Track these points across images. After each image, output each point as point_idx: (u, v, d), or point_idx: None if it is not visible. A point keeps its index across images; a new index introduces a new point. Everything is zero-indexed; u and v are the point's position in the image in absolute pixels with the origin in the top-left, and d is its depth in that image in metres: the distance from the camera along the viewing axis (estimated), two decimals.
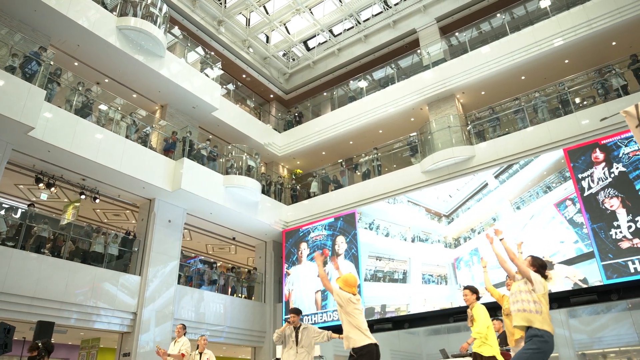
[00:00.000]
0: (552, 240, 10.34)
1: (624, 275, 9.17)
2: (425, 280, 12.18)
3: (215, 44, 16.21)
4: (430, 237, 12.56)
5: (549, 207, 10.64)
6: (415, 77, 14.58)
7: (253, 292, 15.13)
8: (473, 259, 11.49)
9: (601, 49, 12.19)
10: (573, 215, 10.19)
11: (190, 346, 8.02)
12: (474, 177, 12.16)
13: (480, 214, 11.78)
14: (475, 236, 11.70)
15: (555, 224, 10.44)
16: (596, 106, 11.23)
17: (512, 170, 11.50)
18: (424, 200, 12.94)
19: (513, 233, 10.72)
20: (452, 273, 11.80)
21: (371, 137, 15.86)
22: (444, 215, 12.46)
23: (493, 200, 11.64)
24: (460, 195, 12.30)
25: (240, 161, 14.12)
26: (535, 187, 10.98)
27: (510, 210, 11.26)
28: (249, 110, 17.19)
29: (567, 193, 10.44)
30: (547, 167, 10.93)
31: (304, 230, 14.78)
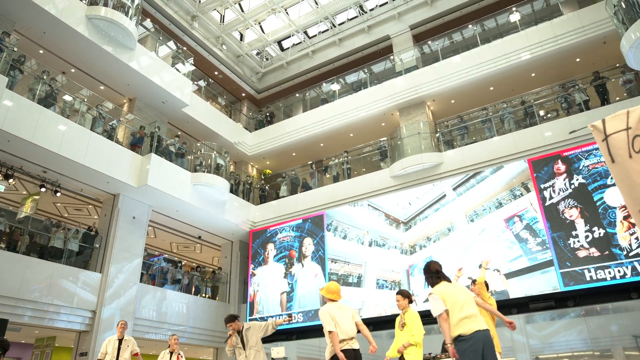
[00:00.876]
0: (500, 253, 10.71)
1: (580, 283, 9.52)
2: (379, 285, 12.35)
3: (187, 39, 15.97)
4: (387, 242, 12.73)
5: (499, 222, 11.03)
6: (388, 83, 14.75)
7: (217, 292, 14.94)
8: None
9: (566, 64, 12.66)
10: (519, 231, 10.63)
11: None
12: (434, 187, 12.42)
13: (436, 224, 12.07)
14: (430, 244, 12.00)
15: (503, 238, 10.84)
16: (559, 119, 11.65)
17: (469, 184, 11.83)
18: (384, 205, 13.11)
19: (465, 243, 11.27)
20: (405, 279, 12.02)
21: (342, 140, 15.94)
22: (403, 222, 12.66)
23: (449, 211, 11.94)
24: (419, 203, 12.54)
25: (210, 159, 13.93)
26: (489, 202, 11.35)
27: (465, 222, 11.58)
28: (219, 108, 16.99)
29: (517, 210, 10.86)
30: (500, 184, 11.33)
31: (272, 231, 14.71)
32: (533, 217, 10.59)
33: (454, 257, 11.29)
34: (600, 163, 10.18)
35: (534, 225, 10.53)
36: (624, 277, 9.15)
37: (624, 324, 9.45)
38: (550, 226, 10.25)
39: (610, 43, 11.43)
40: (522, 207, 10.81)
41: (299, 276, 13.52)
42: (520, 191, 10.97)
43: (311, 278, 13.24)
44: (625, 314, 9.51)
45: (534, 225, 10.54)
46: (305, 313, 12.87)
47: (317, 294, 12.93)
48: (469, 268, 10.75)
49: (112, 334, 10.66)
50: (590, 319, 9.77)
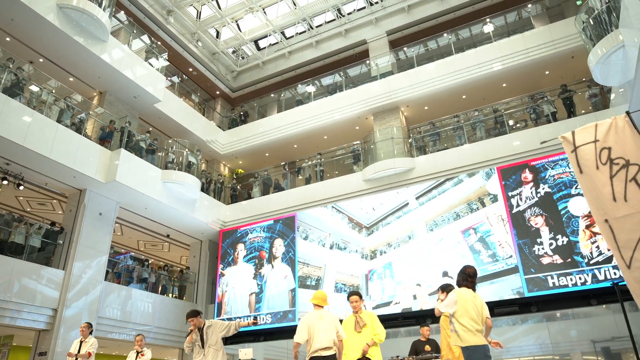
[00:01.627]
0: (455, 262, 10.97)
1: (543, 289, 9.80)
2: (337, 288, 12.44)
3: (162, 34, 15.69)
4: (348, 246, 12.86)
5: (456, 233, 11.33)
6: (363, 87, 14.86)
7: (185, 292, 14.70)
8: (386, 272, 11.95)
9: (536, 76, 13.04)
10: (473, 243, 10.98)
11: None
12: (397, 194, 12.60)
13: (397, 231, 12.29)
14: (390, 251, 12.18)
15: (459, 248, 11.14)
16: (528, 129, 11.99)
17: (431, 195, 12.09)
18: (348, 209, 13.23)
19: (424, 252, 11.57)
20: (364, 284, 12.15)
21: (316, 142, 15.96)
22: (365, 227, 12.80)
23: (411, 220, 12.16)
24: (382, 209, 12.72)
25: (181, 156, 13.71)
26: (448, 214, 11.65)
27: (425, 230, 11.85)
28: (193, 105, 16.74)
29: (473, 223, 11.18)
30: (459, 197, 11.64)
31: (242, 231, 14.58)
32: (487, 230, 10.95)
33: (413, 265, 11.59)
34: (565, 173, 10.52)
35: (487, 238, 10.89)
36: (584, 284, 9.47)
37: (583, 329, 9.78)
38: (517, 233, 10.52)
39: (578, 58, 11.83)
40: (478, 220, 11.16)
41: (268, 277, 13.44)
42: (477, 205, 11.34)
43: (281, 279, 13.19)
44: (585, 320, 9.84)
45: (487, 238, 10.90)
46: (274, 314, 12.80)
47: (286, 295, 12.88)
48: (425, 276, 11.25)
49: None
50: (551, 324, 10.07)
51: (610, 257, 9.39)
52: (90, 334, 7.67)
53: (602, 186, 4.32)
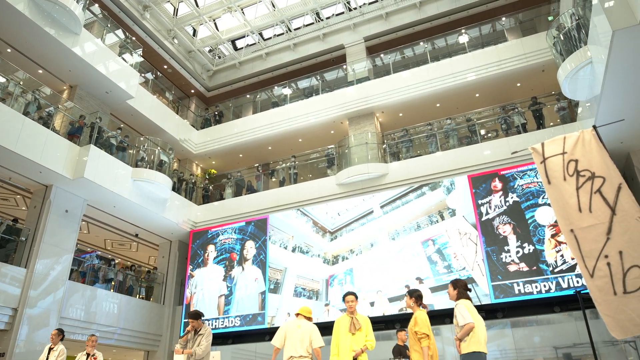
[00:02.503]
0: (414, 272, 11.22)
1: (509, 295, 10.03)
2: (297, 293, 12.48)
3: (137, 29, 15.41)
4: (311, 250, 12.91)
5: (416, 243, 11.55)
6: (339, 92, 14.93)
7: (152, 293, 14.41)
8: (346, 279, 12.06)
9: (507, 88, 13.37)
10: (431, 254, 11.24)
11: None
12: (363, 201, 12.73)
13: (361, 238, 12.42)
14: (352, 257, 12.30)
15: (418, 258, 11.35)
16: (499, 139, 12.25)
17: (395, 205, 12.27)
18: (313, 212, 13.28)
19: (385, 260, 11.75)
20: (324, 289, 12.23)
21: (290, 145, 15.94)
22: (329, 232, 12.88)
23: (374, 228, 12.32)
24: (347, 215, 12.84)
25: (153, 155, 13.47)
26: (409, 224, 11.87)
27: (387, 239, 12.02)
28: (167, 103, 16.48)
29: (432, 234, 11.45)
30: (421, 209, 11.88)
31: (213, 232, 14.41)
32: (445, 243, 11.21)
33: (373, 272, 11.74)
34: (533, 183, 10.80)
35: (444, 250, 11.15)
36: (548, 291, 9.74)
37: (546, 335, 10.01)
38: (485, 240, 10.74)
39: (549, 71, 12.19)
40: (437, 232, 11.41)
41: (238, 279, 13.31)
42: (437, 218, 11.59)
43: (251, 282, 13.09)
44: (548, 327, 10.08)
45: (444, 249, 11.15)
46: (243, 317, 12.68)
47: (256, 298, 12.79)
48: (385, 283, 11.44)
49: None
50: (516, 331, 10.28)
51: (573, 266, 9.68)
52: (61, 341, 7.45)
53: (569, 197, 4.46)
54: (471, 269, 10.64)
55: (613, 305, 4.25)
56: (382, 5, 16.00)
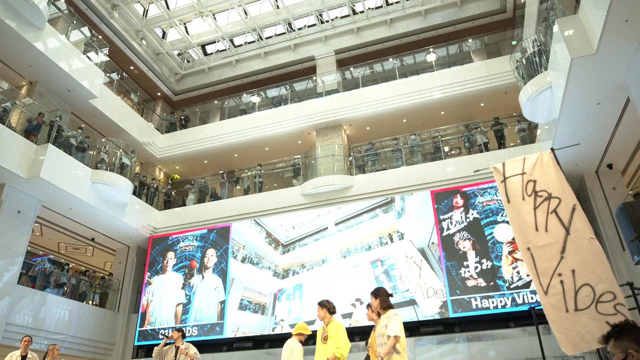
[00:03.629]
0: (362, 290, 11.31)
1: (467, 310, 10.23)
2: (242, 305, 12.37)
3: (105, 28, 15.04)
4: (262, 261, 12.83)
5: (366, 263, 11.73)
6: (308, 102, 14.99)
7: (107, 299, 13.91)
8: (295, 294, 12.04)
9: (472, 107, 13.76)
10: (379, 274, 11.42)
11: None
12: (319, 217, 12.76)
13: (313, 253, 12.46)
14: (303, 272, 12.29)
15: (366, 278, 11.49)
16: (461, 157, 12.57)
17: (349, 223, 12.40)
18: (268, 223, 13.23)
19: (335, 277, 11.84)
20: (272, 303, 12.16)
21: (257, 153, 15.84)
22: (282, 244, 12.85)
23: (327, 244, 12.39)
24: (302, 229, 12.84)
25: (114, 157, 13.09)
26: (361, 244, 12.03)
27: (338, 257, 12.13)
28: (131, 104, 16.09)
29: (381, 255, 11.64)
30: (373, 230, 12.06)
31: (174, 239, 14.09)
32: (392, 264, 11.41)
33: (322, 289, 11.75)
34: (493, 201, 11.11)
35: (390, 271, 11.35)
36: (504, 307, 9.99)
37: (500, 350, 10.23)
38: (446, 255, 10.94)
39: (511, 93, 12.63)
40: (386, 254, 11.61)
41: (197, 288, 13.04)
42: (387, 240, 11.79)
43: (210, 291, 12.84)
44: (503, 341, 10.32)
45: (391, 271, 11.36)
46: (201, 327, 12.41)
47: (215, 307, 12.54)
48: (334, 301, 11.35)
49: None
50: (472, 345, 10.48)
51: (528, 282, 9.98)
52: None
53: (527, 216, 4.60)
54: (414, 291, 10.89)
55: (565, 322, 4.39)
56: (354, 20, 16.24)
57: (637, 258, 4.43)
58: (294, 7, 16.04)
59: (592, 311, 4.29)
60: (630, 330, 1.95)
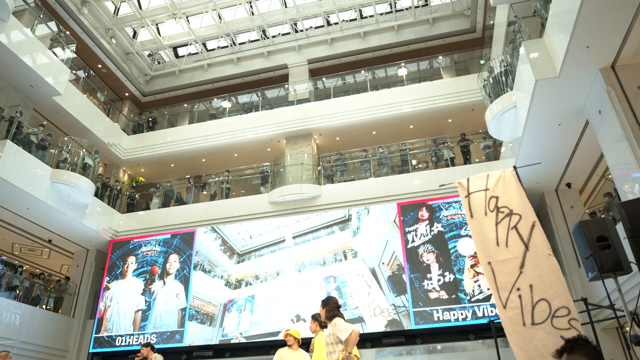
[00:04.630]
0: (312, 306, 11.18)
1: (429, 322, 10.35)
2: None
3: (73, 24, 14.64)
4: (214, 269, 12.66)
5: (319, 278, 11.76)
6: (279, 110, 14.98)
7: (61, 304, 13.38)
8: (246, 305, 11.93)
9: (440, 122, 14.05)
10: (331, 290, 11.46)
11: None
12: (277, 228, 12.73)
13: (268, 265, 12.37)
14: (256, 283, 12.20)
15: (318, 293, 11.44)
16: (428, 170, 12.82)
17: (306, 238, 12.40)
18: (225, 231, 13.09)
19: (288, 291, 11.78)
20: (220, 314, 11.99)
21: (225, 159, 15.68)
22: (237, 253, 12.72)
23: (283, 257, 12.35)
24: (259, 240, 12.75)
25: (77, 157, 12.69)
26: (316, 259, 12.05)
27: (293, 270, 12.10)
28: (97, 103, 15.67)
29: (334, 272, 11.70)
30: (329, 247, 12.11)
31: (136, 243, 13.73)
32: (344, 281, 11.49)
33: (276, 302, 11.69)
34: (457, 215, 11.34)
35: (342, 288, 11.42)
36: (465, 319, 10.16)
37: None
38: (410, 267, 11.06)
39: (478, 111, 12.97)
40: (339, 271, 11.68)
41: (158, 294, 12.72)
42: (341, 257, 11.87)
43: (172, 297, 12.55)
44: (462, 353, 10.49)
45: (342, 288, 11.43)
46: (160, 334, 12.09)
47: (175, 314, 12.26)
48: (284, 314, 11.42)
49: None
50: (432, 356, 10.60)
51: (489, 296, 10.19)
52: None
53: (488, 231, 4.71)
54: (362, 309, 10.98)
55: (522, 336, 4.49)
56: (328, 31, 16.38)
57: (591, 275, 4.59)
58: (269, 14, 16.06)
59: (547, 325, 4.41)
60: (582, 345, 2.01)
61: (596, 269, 4.38)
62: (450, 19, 15.65)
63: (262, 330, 11.40)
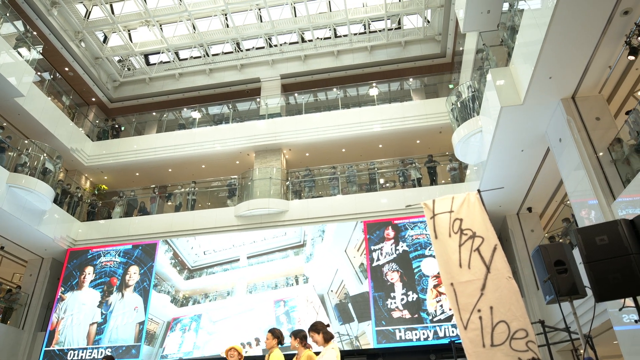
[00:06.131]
0: (262, 329, 11.11)
1: (391, 341, 10.36)
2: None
3: (41, 25, 14.25)
4: (161, 284, 12.34)
5: (269, 301, 11.67)
6: (249, 123, 14.93)
7: (10, 315, 12.73)
8: (192, 325, 11.64)
9: (408, 143, 14.30)
10: (280, 314, 11.41)
11: None
12: (233, 247, 12.58)
13: (219, 283, 12.18)
14: (205, 302, 11.96)
15: (267, 317, 11.39)
16: (395, 190, 12.97)
17: (260, 259, 12.31)
18: (178, 244, 12.86)
19: (237, 312, 11.58)
20: (162, 332, 11.66)
21: (192, 170, 15.46)
22: (188, 268, 12.49)
23: (236, 277, 12.20)
24: (213, 257, 12.56)
25: (37, 161, 12.24)
26: (268, 281, 11.98)
27: (245, 291, 11.98)
28: (62, 107, 15.20)
29: (285, 296, 11.64)
30: (282, 270, 12.07)
31: (94, 253, 13.27)
32: (294, 306, 11.43)
33: (222, 323, 11.47)
34: (422, 235, 11.48)
35: (291, 313, 11.37)
36: (427, 339, 10.23)
37: None
38: (374, 286, 11.09)
39: (445, 133, 13.26)
40: (290, 295, 11.63)
41: (116, 307, 12.30)
42: (293, 282, 11.85)
43: (129, 311, 12.14)
44: None
45: (291, 312, 11.37)
46: (115, 349, 11.65)
47: (132, 328, 11.85)
48: (229, 336, 11.15)
49: None
50: None
51: (450, 316, 10.30)
52: None
53: (452, 252, 4.78)
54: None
55: (481, 357, 4.55)
56: (302, 48, 16.52)
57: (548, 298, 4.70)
58: (244, 28, 16.07)
59: (506, 347, 4.49)
60: None
61: (553, 293, 4.49)
62: (421, 43, 16.06)
63: (203, 353, 11.08)
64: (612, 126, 7.30)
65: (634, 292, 3.92)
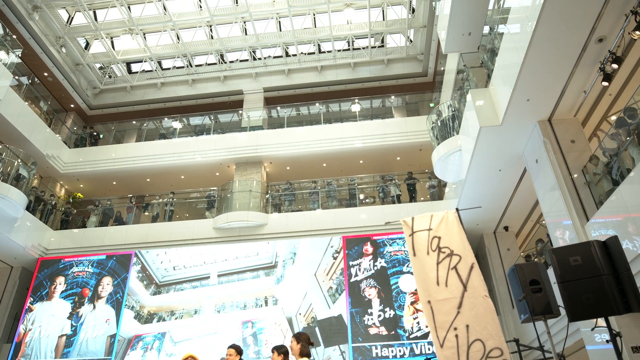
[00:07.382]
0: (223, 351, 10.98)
1: (367, 358, 10.30)
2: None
3: (21, 28, 14.02)
4: (127, 299, 12.02)
5: (237, 322, 11.52)
6: (231, 135, 14.87)
7: None
8: (154, 344, 11.38)
9: (389, 160, 14.42)
10: (247, 336, 11.25)
11: None
12: (204, 264, 12.42)
13: (187, 301, 11.98)
14: (171, 320, 11.70)
15: (233, 337, 11.21)
16: (375, 206, 13.03)
17: (231, 278, 12.18)
18: (147, 257, 12.62)
19: (204, 332, 11.35)
20: (122, 351, 11.33)
21: (171, 180, 15.28)
22: (156, 283, 12.26)
23: (205, 294, 12.03)
24: (183, 273, 12.35)
25: (11, 167, 11.94)
26: (238, 301, 11.83)
27: (213, 310, 11.79)
28: (39, 112, 14.91)
29: (253, 317, 11.51)
30: (252, 290, 11.94)
31: (66, 263, 12.92)
32: (261, 328, 11.31)
33: (187, 343, 11.23)
34: (400, 251, 11.52)
35: (259, 335, 11.24)
36: (403, 356, 10.20)
37: None
38: (351, 302, 11.05)
39: (425, 151, 13.42)
40: (258, 316, 11.49)
41: (87, 319, 11.96)
42: (262, 303, 11.73)
43: (101, 323, 11.82)
44: None
45: (259, 334, 11.25)
46: None
47: (103, 341, 11.51)
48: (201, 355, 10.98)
49: None
50: None
51: (427, 333, 10.31)
52: None
53: (430, 270, 4.80)
54: None
55: None
56: (286, 62, 16.61)
57: (523, 317, 4.76)
58: (228, 40, 16.10)
59: None
60: None
61: (528, 312, 4.54)
62: (404, 62, 16.32)
63: None
64: (586, 149, 7.50)
65: (605, 312, 4.00)
